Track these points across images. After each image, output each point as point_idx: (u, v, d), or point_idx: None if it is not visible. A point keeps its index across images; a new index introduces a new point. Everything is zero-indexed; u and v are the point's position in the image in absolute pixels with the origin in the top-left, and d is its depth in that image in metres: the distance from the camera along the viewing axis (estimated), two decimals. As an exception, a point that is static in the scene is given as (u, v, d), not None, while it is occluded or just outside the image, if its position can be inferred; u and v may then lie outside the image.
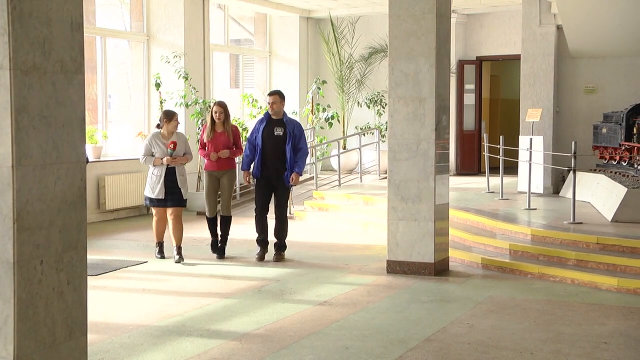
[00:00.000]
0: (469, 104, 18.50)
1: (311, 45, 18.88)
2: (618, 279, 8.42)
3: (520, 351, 6.25)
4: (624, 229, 9.74)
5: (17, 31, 3.91)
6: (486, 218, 10.84)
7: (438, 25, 9.00)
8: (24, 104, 3.97)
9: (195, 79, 14.69)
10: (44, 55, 4.06)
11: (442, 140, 9.25)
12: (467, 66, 18.31)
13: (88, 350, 4.46)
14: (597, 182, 12.15)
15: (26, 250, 4.01)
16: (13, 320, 3.97)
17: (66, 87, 4.20)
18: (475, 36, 18.27)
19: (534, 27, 14.26)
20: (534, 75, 14.30)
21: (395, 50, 9.14)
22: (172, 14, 14.63)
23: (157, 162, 9.49)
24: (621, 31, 13.37)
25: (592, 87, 14.35)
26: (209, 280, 8.64)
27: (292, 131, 9.63)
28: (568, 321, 7.18)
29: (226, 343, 6.44)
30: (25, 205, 4.00)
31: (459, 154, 18.23)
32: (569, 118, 14.44)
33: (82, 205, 4.32)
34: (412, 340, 6.53)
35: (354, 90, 18.20)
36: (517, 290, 8.44)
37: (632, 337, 6.71)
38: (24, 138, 3.98)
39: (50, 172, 4.13)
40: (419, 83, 9.03)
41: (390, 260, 9.21)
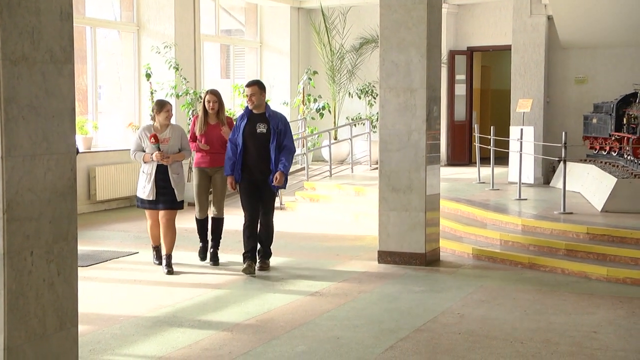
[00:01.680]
0: (460, 95, 18.53)
1: (302, 35, 18.86)
2: (607, 269, 8.46)
3: (510, 341, 6.28)
4: (613, 219, 9.78)
5: (5, 21, 3.90)
6: (477, 208, 10.87)
7: (429, 16, 9.00)
8: (13, 94, 3.96)
9: (186, 69, 14.65)
10: (33, 45, 4.05)
11: (433, 131, 9.26)
12: (458, 57, 18.32)
13: (79, 341, 4.46)
14: (587, 173, 12.19)
15: (16, 241, 4.00)
16: (3, 311, 3.97)
17: (56, 78, 4.18)
18: (466, 27, 18.28)
19: (524, 18, 14.27)
20: (524, 65, 14.32)
21: (386, 40, 9.14)
22: (163, 3, 14.59)
23: (146, 159, 8.40)
24: (612, 21, 13.40)
25: (583, 77, 14.38)
26: (199, 271, 8.63)
27: (277, 127, 8.42)
28: (558, 311, 7.22)
29: (217, 333, 6.45)
30: (14, 196, 3.99)
31: (449, 144, 18.26)
32: (560, 108, 14.47)
33: (72, 196, 4.31)
34: (402, 330, 6.55)
35: (345, 81, 18.19)
36: (507, 280, 8.47)
37: (621, 326, 6.75)
38: (13, 128, 3.97)
39: (40, 162, 4.13)
40: (410, 74, 9.04)
41: (382, 251, 9.23)
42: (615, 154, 12.26)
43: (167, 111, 8.53)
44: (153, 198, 8.41)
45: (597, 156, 13.07)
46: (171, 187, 8.42)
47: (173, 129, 8.58)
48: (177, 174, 8.51)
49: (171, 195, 8.43)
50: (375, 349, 6.04)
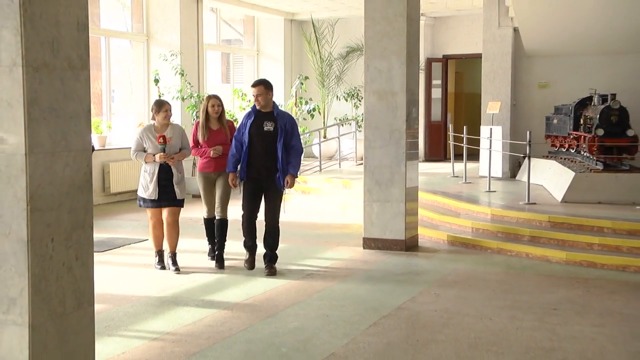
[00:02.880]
0: (436, 98, 18.53)
1: (294, 44, 18.82)
2: (566, 253, 8.50)
3: (480, 317, 6.31)
4: (572, 208, 9.81)
5: (28, 32, 3.89)
6: (451, 199, 10.89)
7: (408, 27, 9.00)
8: (35, 98, 3.96)
9: (190, 75, 14.66)
10: (53, 54, 4.04)
11: (412, 130, 9.27)
12: (434, 64, 18.32)
13: (95, 319, 4.46)
14: (549, 167, 12.22)
15: (38, 230, 4.00)
16: (28, 293, 3.97)
17: (73, 83, 4.17)
18: (441, 37, 18.28)
19: (493, 29, 14.28)
20: (493, 72, 14.33)
21: (370, 49, 9.14)
22: (170, 16, 14.58)
23: (149, 159, 7.61)
24: (571, 33, 13.43)
25: (545, 82, 14.40)
26: (203, 256, 8.61)
27: (284, 126, 7.55)
28: (523, 290, 7.25)
29: (218, 312, 6.45)
30: (37, 189, 3.99)
31: (427, 142, 18.26)
32: (525, 110, 14.49)
33: (88, 189, 4.30)
34: (385, 308, 6.57)
35: (333, 85, 18.18)
36: (478, 263, 8.49)
37: (578, 303, 6.79)
38: (36, 128, 3.96)
39: (60, 159, 4.12)
40: (391, 79, 9.04)
41: (366, 238, 9.25)
42: (573, 151, 12.29)
43: (165, 110, 7.72)
44: (156, 197, 7.67)
45: (557, 153, 13.10)
46: (173, 186, 7.72)
47: (174, 129, 7.81)
48: (180, 173, 7.80)
49: (173, 193, 7.74)
50: (361, 325, 6.06)
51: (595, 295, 7.08)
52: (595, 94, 11.80)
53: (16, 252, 3.96)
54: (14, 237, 3.96)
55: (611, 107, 10.84)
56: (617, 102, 10.88)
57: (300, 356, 5.35)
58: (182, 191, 7.80)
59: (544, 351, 5.47)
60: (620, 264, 8.20)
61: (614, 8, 12.53)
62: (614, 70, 13.68)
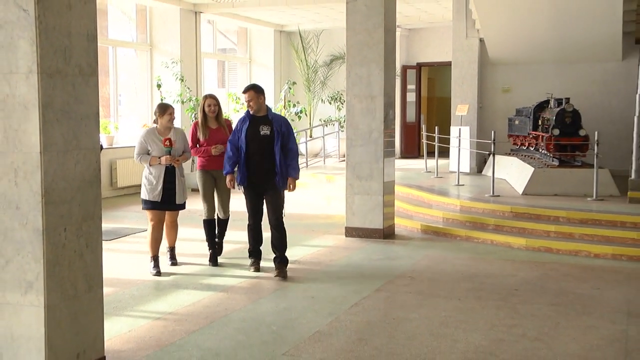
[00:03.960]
0: (411, 101, 18.56)
1: (283, 53, 18.79)
2: (527, 240, 8.54)
3: (450, 298, 6.33)
4: (531, 200, 9.86)
5: (43, 42, 3.89)
6: (424, 192, 10.91)
7: (386, 38, 9.00)
8: (49, 101, 3.95)
9: (189, 80, 14.62)
10: (65, 61, 4.04)
11: (389, 130, 9.29)
12: (409, 70, 18.34)
13: (104, 300, 4.46)
14: (511, 164, 12.27)
15: (52, 220, 4.00)
16: (43, 277, 3.97)
17: (83, 87, 4.17)
18: (415, 46, 18.30)
19: (462, 40, 14.31)
20: (462, 78, 14.37)
21: (351, 57, 9.14)
22: (171, 27, 14.54)
23: (154, 162, 6.93)
24: (530, 43, 13.49)
25: (507, 87, 14.45)
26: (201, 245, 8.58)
27: (280, 129, 6.87)
28: (488, 274, 7.28)
29: (215, 294, 6.45)
30: (51, 183, 3.98)
31: (402, 141, 18.29)
32: (490, 112, 14.54)
33: (97, 184, 4.30)
34: (365, 290, 6.58)
35: (318, 90, 18.17)
36: (448, 249, 8.52)
37: (536, 284, 6.83)
38: (50, 129, 3.96)
39: (71, 156, 4.11)
40: (370, 84, 9.05)
41: (348, 227, 9.25)
42: (532, 149, 12.35)
43: (169, 114, 7.06)
44: (159, 200, 7.01)
45: (518, 150, 13.16)
46: (175, 189, 7.07)
47: (176, 132, 7.14)
48: (183, 176, 7.19)
49: (175, 196, 7.09)
50: (343, 305, 6.07)
51: (551, 278, 7.12)
52: (551, 98, 11.85)
53: (32, 241, 3.96)
54: (31, 227, 3.96)
55: (566, 109, 10.89)
56: (571, 106, 10.94)
57: (289, 333, 5.35)
58: (183, 194, 7.19)
59: (506, 327, 5.50)
60: (573, 249, 8.25)
61: (568, 22, 12.60)
62: (568, 77, 13.77)
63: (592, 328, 5.49)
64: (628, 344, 5.14)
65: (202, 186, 7.53)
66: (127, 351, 4.91)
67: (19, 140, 3.93)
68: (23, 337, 4.01)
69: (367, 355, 4.86)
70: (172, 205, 7.13)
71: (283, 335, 5.29)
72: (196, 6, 14.86)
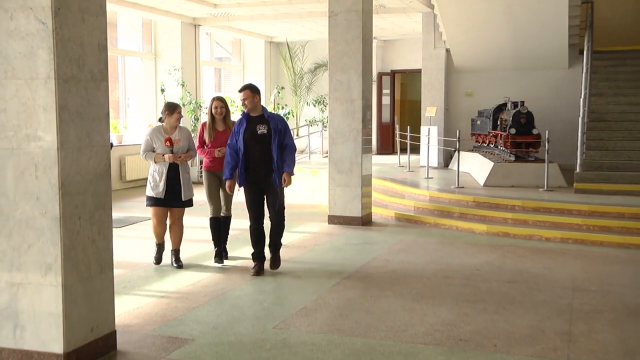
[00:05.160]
0: (386, 104, 18.57)
1: (273, 61, 18.74)
2: (487, 226, 8.60)
3: (420, 277, 6.36)
4: (491, 191, 9.91)
5: (59, 51, 3.86)
6: (398, 184, 10.94)
7: (363, 48, 9.01)
8: (65, 104, 3.93)
9: (190, 86, 14.55)
10: (79, 68, 4.01)
11: (367, 129, 9.30)
12: (384, 77, 18.36)
13: (114, 281, 4.44)
14: (474, 159, 12.34)
15: (68, 210, 3.98)
16: (60, 260, 3.95)
17: (95, 92, 4.15)
18: (390, 55, 18.32)
19: (430, 50, 14.35)
20: (430, 83, 14.41)
21: (333, 65, 9.14)
22: (173, 38, 14.46)
23: (158, 159, 6.41)
24: (490, 53, 13.54)
25: (470, 92, 14.51)
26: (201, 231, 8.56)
27: (277, 127, 6.23)
28: (453, 256, 7.32)
29: (214, 275, 6.44)
30: (67, 177, 3.97)
31: (379, 139, 18.31)
32: (455, 114, 14.61)
33: (107, 177, 4.28)
34: (346, 271, 6.60)
35: (304, 94, 18.15)
36: (419, 235, 8.56)
37: (496, 265, 6.88)
38: (65, 129, 3.94)
39: (84, 153, 4.09)
40: (350, 89, 9.06)
41: (331, 215, 9.27)
42: (492, 146, 12.41)
43: (178, 113, 6.48)
44: (163, 196, 6.45)
45: (480, 147, 13.23)
46: (180, 186, 6.50)
47: (181, 131, 6.58)
48: (187, 173, 6.60)
49: (180, 193, 6.52)
50: (326, 284, 6.08)
51: (508, 259, 7.17)
52: (508, 101, 11.91)
53: (51, 228, 3.95)
54: (49, 216, 3.94)
55: (521, 111, 10.96)
56: (525, 108, 11.01)
57: (278, 309, 5.37)
58: (189, 191, 6.59)
59: (469, 302, 5.54)
60: (528, 233, 8.32)
61: (522, 35, 12.66)
62: (523, 82, 13.85)
63: (543, 302, 5.55)
64: (572, 315, 5.20)
65: (207, 186, 6.83)
66: (135, 326, 4.90)
67: (38, 138, 3.91)
68: (44, 313, 4.00)
69: (347, 328, 4.88)
70: (177, 202, 6.50)
71: (273, 311, 5.30)
72: (195, 20, 14.78)
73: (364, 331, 4.79)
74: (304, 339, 4.64)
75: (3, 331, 4.09)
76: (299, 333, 4.76)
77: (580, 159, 10.05)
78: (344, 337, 4.68)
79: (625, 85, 12.08)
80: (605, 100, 11.71)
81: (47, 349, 4.00)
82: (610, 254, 7.48)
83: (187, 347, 4.47)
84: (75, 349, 4.04)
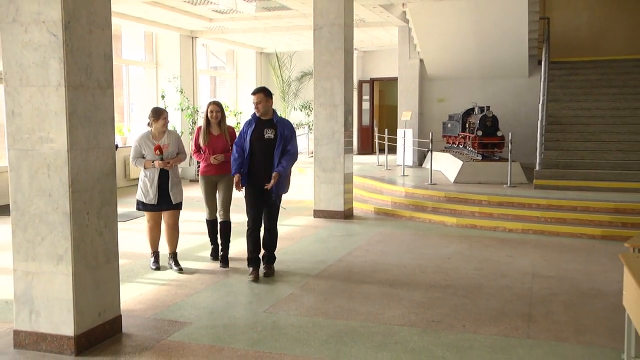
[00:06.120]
0: (366, 109, 18.59)
1: (263, 70, 18.69)
2: (457, 219, 8.64)
3: (397, 265, 6.39)
4: (461, 187, 9.96)
5: (69, 61, 3.85)
6: (377, 181, 10.96)
7: (345, 58, 9.03)
8: (74, 109, 3.91)
9: (187, 92, 14.47)
10: (87, 77, 3.99)
11: (348, 132, 9.32)
12: (364, 84, 18.38)
13: (119, 270, 4.43)
14: (445, 158, 12.38)
15: (77, 205, 3.97)
16: (71, 251, 3.94)
17: (101, 98, 4.13)
18: (369, 65, 18.35)
19: (406, 60, 14.38)
20: (406, 90, 14.44)
21: (318, 73, 9.14)
22: (172, 49, 14.38)
23: (147, 165, 5.81)
24: (459, 63, 13.61)
25: (442, 98, 14.57)
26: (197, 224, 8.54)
27: (283, 132, 5.67)
28: (427, 246, 7.35)
29: (208, 264, 6.43)
30: (76, 175, 3.95)
31: (359, 140, 18.32)
32: (428, 117, 14.66)
33: (113, 176, 4.27)
34: (329, 260, 6.61)
35: (291, 100, 18.12)
36: (396, 227, 8.59)
37: (465, 254, 6.93)
38: (75, 131, 3.92)
39: (92, 154, 4.08)
40: (333, 95, 9.07)
41: (316, 209, 9.28)
42: (461, 147, 12.47)
43: (164, 118, 5.87)
44: (155, 202, 5.88)
45: (451, 148, 13.28)
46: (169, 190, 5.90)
47: (170, 135, 5.93)
48: (177, 177, 5.98)
49: (170, 197, 5.92)
50: (312, 272, 6.10)
51: (476, 248, 7.22)
52: (476, 106, 11.97)
53: (62, 222, 3.93)
54: (60, 211, 3.93)
55: (487, 115, 11.02)
56: (491, 112, 11.08)
57: (268, 295, 5.37)
58: (178, 195, 5.97)
59: (441, 287, 5.58)
60: (493, 225, 8.37)
61: (488, 47, 12.74)
62: (489, 89, 13.93)
63: (507, 287, 5.61)
64: (532, 298, 5.26)
65: (203, 191, 6.34)
66: (138, 310, 4.89)
67: (50, 140, 3.89)
68: (56, 299, 3.99)
69: (331, 311, 4.90)
70: (169, 205, 5.91)
71: (264, 297, 5.31)
72: (193, 32, 14.71)
73: (346, 314, 4.82)
74: (292, 321, 4.66)
75: (20, 315, 4.08)
76: (287, 316, 4.77)
77: (539, 158, 10.14)
78: (328, 319, 4.70)
79: (578, 92, 12.21)
80: (560, 106, 11.82)
81: (59, 332, 3.98)
82: (565, 243, 7.57)
83: (185, 330, 4.47)
84: (84, 331, 4.03)
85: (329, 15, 8.92)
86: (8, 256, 4.65)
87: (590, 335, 4.41)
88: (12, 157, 3.99)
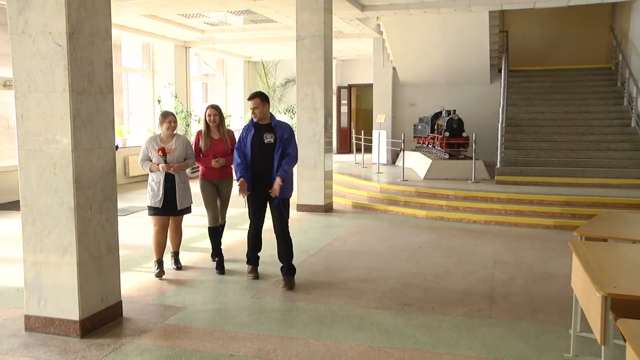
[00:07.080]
0: (344, 112, 18.62)
1: (250, 77, 18.62)
2: (427, 211, 8.69)
3: (373, 254, 6.42)
4: (430, 183, 10.01)
5: (73, 68, 3.82)
6: (354, 178, 10.97)
7: (325, 66, 9.03)
8: (78, 113, 3.88)
9: (181, 97, 14.38)
10: (89, 83, 3.96)
11: (328, 133, 9.33)
12: (342, 90, 18.41)
13: (120, 260, 4.41)
14: (416, 157, 12.43)
15: (81, 201, 3.94)
16: (75, 243, 3.92)
17: (103, 102, 4.10)
18: (347, 72, 18.37)
19: (380, 68, 14.43)
20: (380, 95, 14.50)
21: (300, 80, 9.14)
22: (168, 58, 14.27)
23: (153, 168, 5.34)
24: (427, 71, 13.70)
25: (413, 102, 14.65)
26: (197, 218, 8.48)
27: (282, 136, 5.11)
28: (400, 236, 7.38)
29: (203, 254, 6.40)
30: (80, 174, 3.92)
31: (338, 140, 18.36)
32: (400, 120, 14.73)
33: (114, 174, 4.24)
34: (312, 250, 6.62)
35: (276, 104, 18.08)
36: (372, 219, 8.61)
37: (434, 243, 6.97)
38: (78, 133, 3.89)
39: (94, 154, 4.05)
40: (314, 100, 9.07)
41: (299, 204, 9.27)
42: (430, 146, 12.55)
43: (168, 122, 5.38)
44: (161, 206, 5.38)
45: (421, 147, 13.35)
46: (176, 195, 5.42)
47: (178, 139, 5.45)
48: (184, 183, 5.47)
49: (176, 202, 5.44)
50: (295, 261, 6.09)
51: (444, 238, 7.27)
52: (443, 110, 12.05)
53: (67, 216, 3.90)
54: (65, 206, 3.90)
55: (453, 118, 11.10)
56: (457, 115, 11.16)
57: (255, 282, 5.36)
58: (185, 200, 5.50)
59: (412, 274, 5.62)
60: (459, 217, 8.44)
61: (453, 57, 12.85)
62: (455, 94, 14.04)
63: (471, 273, 5.67)
64: (494, 283, 5.34)
65: (204, 195, 5.71)
66: (137, 297, 4.87)
67: (56, 141, 3.86)
68: (62, 287, 3.96)
69: (312, 296, 4.92)
70: (174, 211, 5.46)
71: (252, 284, 5.31)
72: (186, 42, 14.61)
73: (326, 299, 4.83)
74: (277, 305, 4.67)
75: (30, 302, 4.05)
76: (273, 301, 4.78)
77: (499, 157, 10.25)
78: (310, 303, 4.72)
79: (534, 97, 12.37)
80: (518, 110, 11.97)
81: (65, 316, 3.96)
82: (522, 232, 7.67)
83: (180, 314, 4.47)
84: (88, 316, 4.01)
85: (310, 27, 8.92)
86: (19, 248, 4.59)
87: (543, 314, 4.49)
88: (22, 157, 3.95)
